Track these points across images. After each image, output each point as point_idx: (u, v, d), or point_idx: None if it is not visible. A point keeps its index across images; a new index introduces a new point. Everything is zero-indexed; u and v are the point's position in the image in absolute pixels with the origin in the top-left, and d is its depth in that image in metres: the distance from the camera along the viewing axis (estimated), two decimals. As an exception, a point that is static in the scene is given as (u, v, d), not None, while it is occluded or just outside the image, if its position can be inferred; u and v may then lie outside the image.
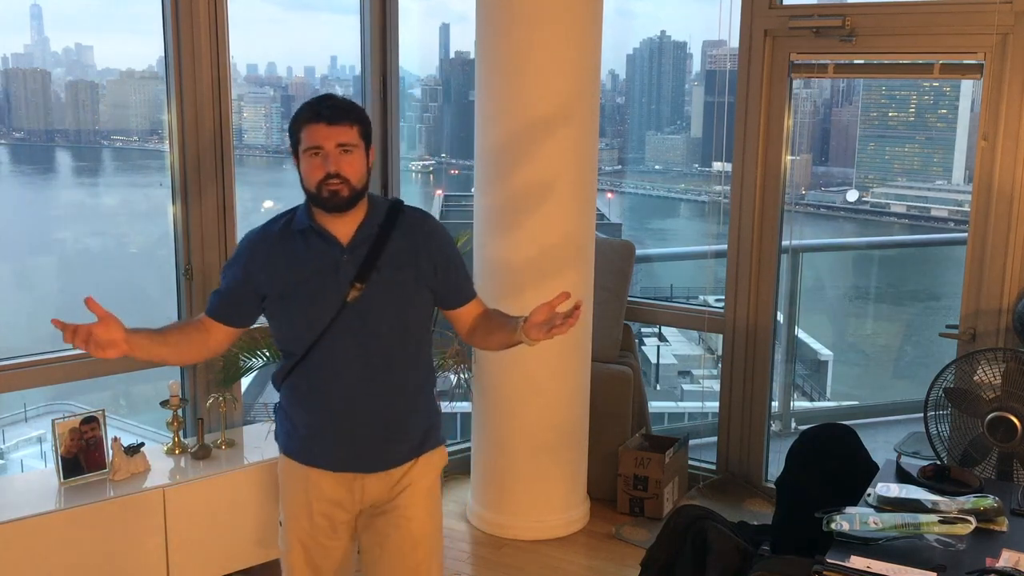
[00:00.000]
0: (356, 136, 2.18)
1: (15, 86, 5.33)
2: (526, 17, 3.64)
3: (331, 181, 2.14)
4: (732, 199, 4.28)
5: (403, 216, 2.28)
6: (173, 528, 3.31)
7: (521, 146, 3.71)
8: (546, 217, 3.75)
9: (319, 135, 2.15)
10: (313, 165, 2.16)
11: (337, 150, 2.14)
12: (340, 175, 2.14)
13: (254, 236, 2.32)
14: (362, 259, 2.20)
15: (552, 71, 3.66)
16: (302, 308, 2.23)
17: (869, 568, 2.28)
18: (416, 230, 2.29)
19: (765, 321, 4.30)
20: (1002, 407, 3.16)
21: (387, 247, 2.22)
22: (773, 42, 4.09)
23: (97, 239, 6.21)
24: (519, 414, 3.93)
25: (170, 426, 3.56)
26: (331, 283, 2.20)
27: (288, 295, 2.24)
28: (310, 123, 2.16)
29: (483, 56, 3.78)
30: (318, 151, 2.15)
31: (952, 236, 6.31)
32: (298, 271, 2.22)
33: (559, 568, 3.79)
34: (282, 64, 7.00)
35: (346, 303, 2.19)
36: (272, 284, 2.25)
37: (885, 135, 7.00)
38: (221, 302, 2.31)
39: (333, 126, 2.14)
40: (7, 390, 3.59)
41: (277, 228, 2.28)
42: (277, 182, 7.07)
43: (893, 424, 5.22)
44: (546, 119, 3.67)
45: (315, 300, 2.21)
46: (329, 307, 2.20)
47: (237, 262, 2.30)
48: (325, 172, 2.14)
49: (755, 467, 4.42)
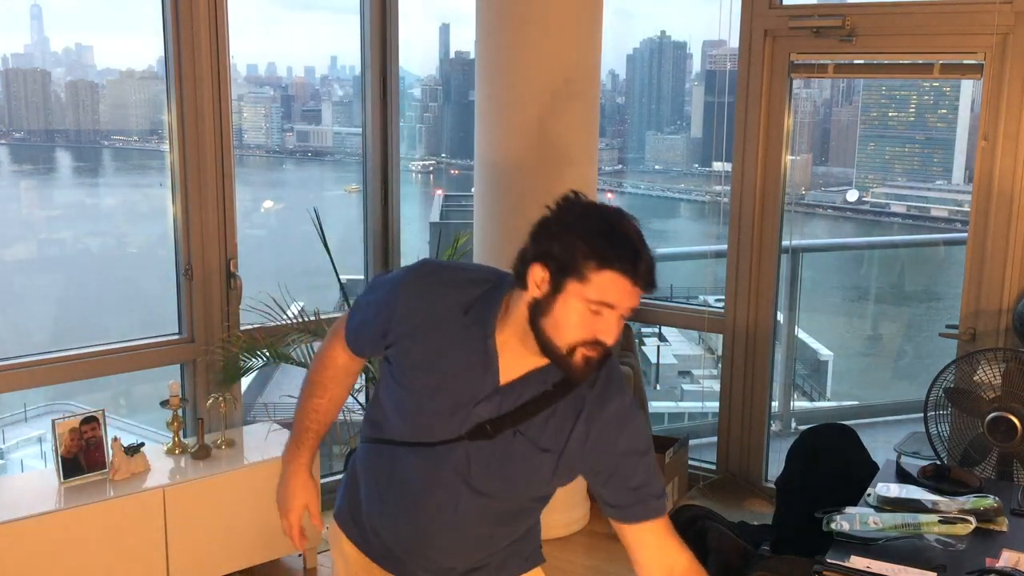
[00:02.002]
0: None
1: (15, 86, 5.32)
2: (526, 17, 3.64)
3: (595, 348, 1.61)
4: (732, 199, 4.28)
5: (589, 387, 1.70)
6: (173, 528, 3.31)
7: (521, 146, 3.71)
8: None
9: (623, 296, 1.57)
10: (589, 323, 1.58)
11: (624, 315, 1.60)
12: (606, 345, 1.62)
13: (441, 294, 1.74)
14: (507, 411, 1.68)
15: (552, 71, 3.66)
16: (414, 403, 1.75)
17: (869, 568, 2.28)
18: (592, 410, 1.71)
19: (765, 321, 4.30)
20: (1002, 407, 3.16)
21: (541, 414, 1.69)
22: (773, 42, 4.09)
23: (97, 239, 6.21)
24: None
25: (170, 426, 3.56)
26: (462, 408, 1.70)
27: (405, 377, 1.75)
28: (619, 273, 1.55)
29: (483, 56, 3.78)
30: (607, 311, 1.58)
31: (952, 236, 6.30)
32: (434, 364, 1.71)
33: (559, 568, 3.79)
34: (282, 64, 7.00)
35: (461, 437, 1.71)
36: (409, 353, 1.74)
37: (885, 135, 7.00)
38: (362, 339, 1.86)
39: (637, 290, 1.58)
40: (7, 390, 3.59)
41: (460, 306, 1.71)
42: (277, 182, 7.08)
43: (893, 424, 5.22)
44: (546, 119, 3.67)
45: (433, 408, 1.72)
46: (445, 424, 1.72)
47: (394, 303, 1.75)
48: (595, 337, 1.59)
49: (755, 467, 4.42)
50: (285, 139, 6.87)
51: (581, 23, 3.71)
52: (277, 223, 6.52)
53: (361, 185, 4.51)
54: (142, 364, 3.83)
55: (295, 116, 7.04)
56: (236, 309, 3.89)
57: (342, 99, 6.80)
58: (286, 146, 6.85)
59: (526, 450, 1.70)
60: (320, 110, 7.06)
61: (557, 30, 3.65)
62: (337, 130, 6.78)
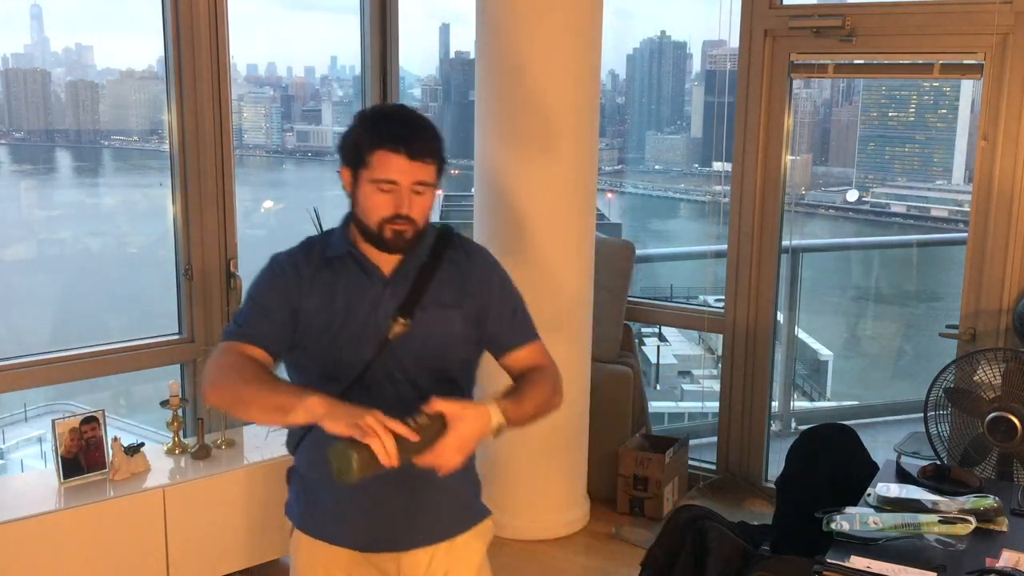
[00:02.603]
0: (434, 173, 1.88)
1: (15, 86, 5.33)
2: (526, 17, 3.64)
3: (398, 222, 1.85)
4: (732, 199, 4.28)
5: (452, 249, 1.99)
6: (173, 528, 3.31)
7: (521, 147, 3.71)
8: (546, 217, 3.75)
9: (397, 169, 1.83)
10: (381, 201, 1.84)
11: (412, 187, 1.84)
12: (410, 217, 1.85)
13: (294, 255, 1.96)
14: (405, 294, 1.91)
15: (552, 71, 3.66)
16: (333, 348, 1.91)
17: (869, 568, 2.28)
18: (466, 264, 2.00)
19: (765, 321, 4.30)
20: (1002, 407, 3.16)
21: (433, 282, 1.93)
22: (773, 42, 4.09)
23: (97, 239, 6.21)
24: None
25: (170, 426, 3.55)
26: (370, 321, 1.90)
27: (316, 334, 1.91)
28: (388, 151, 1.82)
29: (483, 56, 3.78)
30: (391, 187, 1.84)
31: (952, 236, 6.31)
32: (330, 307, 1.91)
33: (559, 568, 3.79)
34: (282, 64, 7.01)
35: (388, 342, 1.88)
36: (302, 318, 1.91)
37: (885, 135, 7.00)
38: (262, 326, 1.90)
39: (415, 162, 1.83)
40: (7, 390, 3.60)
41: (314, 253, 1.96)
42: (277, 182, 7.08)
43: (893, 424, 5.22)
44: (546, 119, 3.67)
45: (349, 339, 1.89)
46: (365, 349, 1.89)
47: (273, 284, 1.94)
48: (395, 212, 1.84)
49: (755, 467, 4.42)
50: (285, 139, 6.87)
51: (581, 23, 3.71)
52: (277, 223, 6.52)
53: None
54: (142, 364, 3.83)
55: (295, 116, 7.05)
56: (236, 309, 3.89)
57: (342, 99, 6.81)
58: (286, 146, 6.86)
59: (437, 316, 1.93)
60: (320, 110, 7.07)
61: (557, 30, 3.65)
62: (337, 130, 6.77)
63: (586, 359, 4.03)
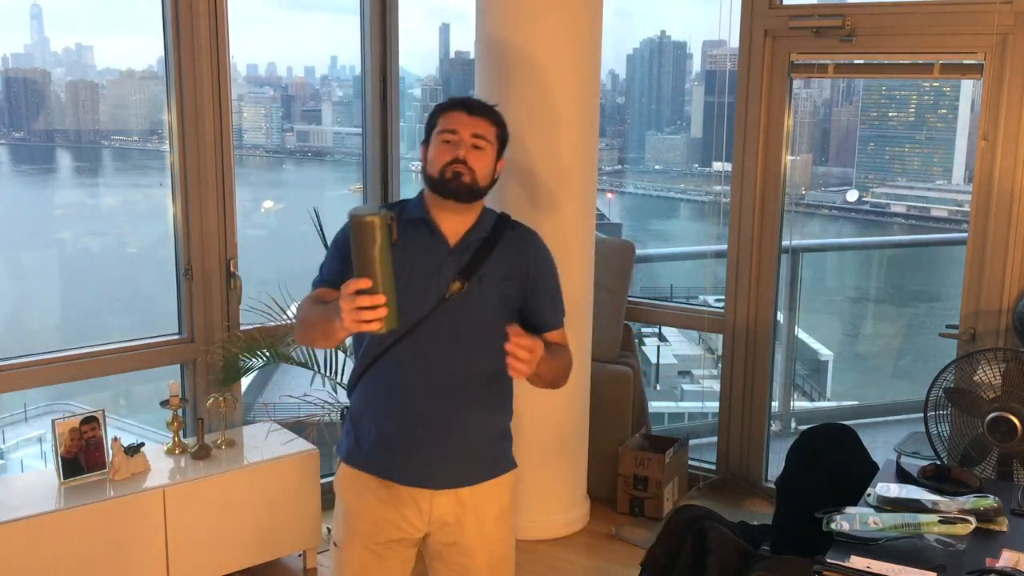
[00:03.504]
0: (492, 135, 2.20)
1: (15, 86, 5.33)
2: (525, 17, 3.64)
3: (457, 164, 2.12)
4: (732, 199, 4.28)
5: (511, 229, 2.25)
6: (173, 528, 3.31)
7: (521, 146, 3.71)
8: (546, 217, 3.75)
9: (458, 121, 2.16)
10: (443, 149, 2.14)
11: (471, 139, 2.15)
12: (467, 162, 2.12)
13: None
14: (466, 262, 2.16)
15: (552, 71, 3.66)
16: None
17: (869, 568, 2.28)
18: (522, 246, 2.25)
19: (765, 321, 4.30)
20: (1002, 407, 3.16)
21: (492, 256, 2.18)
22: (773, 42, 4.09)
23: (97, 239, 6.21)
24: (519, 414, 3.88)
25: (170, 426, 3.56)
26: (432, 280, 2.14)
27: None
28: (452, 110, 2.18)
29: (483, 56, 3.78)
30: (452, 135, 2.15)
31: (952, 236, 6.30)
32: (399, 260, 2.02)
33: (559, 568, 3.79)
34: (282, 64, 7.00)
35: (443, 299, 2.12)
36: None
37: (885, 135, 6.99)
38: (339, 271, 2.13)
39: (474, 117, 2.17)
40: (7, 390, 3.60)
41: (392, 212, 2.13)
42: (277, 182, 7.07)
43: (893, 424, 5.22)
44: (546, 119, 3.67)
45: (412, 294, 2.09)
46: (423, 303, 2.12)
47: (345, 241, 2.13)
48: (453, 156, 2.12)
49: (755, 467, 4.42)
50: (285, 139, 6.86)
51: (581, 23, 3.71)
52: (277, 223, 6.52)
53: (361, 185, 4.51)
54: (142, 364, 3.83)
55: (295, 116, 7.03)
56: (236, 309, 3.89)
57: (342, 99, 6.80)
58: (286, 146, 6.85)
59: (490, 286, 2.16)
60: (320, 110, 7.05)
61: (557, 30, 3.65)
62: (337, 130, 6.77)
63: (586, 359, 4.03)
